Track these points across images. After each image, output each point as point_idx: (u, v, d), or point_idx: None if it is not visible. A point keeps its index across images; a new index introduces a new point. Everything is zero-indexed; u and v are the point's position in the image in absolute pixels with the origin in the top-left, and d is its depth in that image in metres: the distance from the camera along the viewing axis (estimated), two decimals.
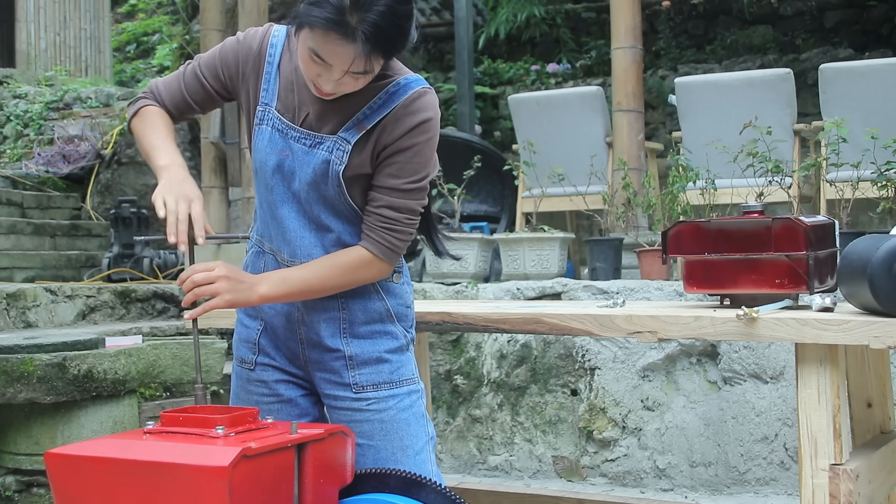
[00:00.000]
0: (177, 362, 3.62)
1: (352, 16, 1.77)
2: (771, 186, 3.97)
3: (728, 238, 2.32)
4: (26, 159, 8.00)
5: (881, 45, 7.82)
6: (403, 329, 2.11)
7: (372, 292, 2.06)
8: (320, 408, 2.16)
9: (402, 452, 2.04)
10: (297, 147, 1.99)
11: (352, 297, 2.05)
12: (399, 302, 2.10)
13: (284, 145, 2.00)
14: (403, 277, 2.13)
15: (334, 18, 1.77)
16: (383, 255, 2.00)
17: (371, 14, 1.78)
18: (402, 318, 2.11)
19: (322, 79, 1.87)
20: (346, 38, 1.79)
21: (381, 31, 1.79)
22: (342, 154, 1.95)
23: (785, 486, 3.81)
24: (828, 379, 2.05)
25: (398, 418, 2.05)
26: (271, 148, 2.01)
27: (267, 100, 2.02)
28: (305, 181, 1.98)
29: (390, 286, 2.09)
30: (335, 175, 1.96)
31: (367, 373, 2.04)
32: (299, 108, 2.00)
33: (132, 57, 12.61)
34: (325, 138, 1.97)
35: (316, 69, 1.86)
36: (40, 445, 3.34)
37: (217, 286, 1.89)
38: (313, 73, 1.87)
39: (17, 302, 4.48)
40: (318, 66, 1.85)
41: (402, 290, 2.12)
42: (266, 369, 2.13)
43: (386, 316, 2.07)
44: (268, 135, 2.01)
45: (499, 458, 4.32)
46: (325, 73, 1.85)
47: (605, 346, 4.14)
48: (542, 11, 8.97)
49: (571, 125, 5.47)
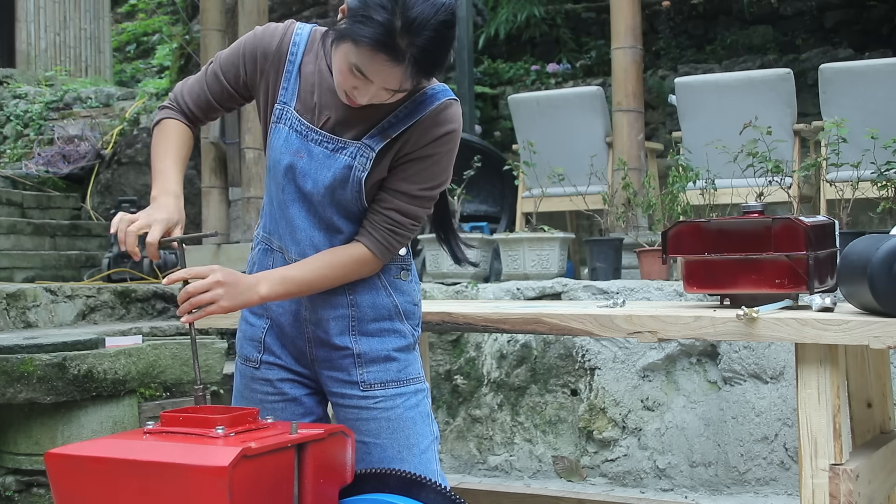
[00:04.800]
0: (177, 362, 3.62)
1: (402, 38, 1.76)
2: (771, 186, 3.97)
3: (728, 238, 2.32)
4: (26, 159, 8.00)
5: (881, 45, 7.81)
6: (411, 327, 2.10)
7: (380, 289, 2.06)
8: (324, 407, 2.16)
9: (407, 451, 2.04)
10: (318, 150, 1.97)
11: (360, 294, 2.05)
12: (407, 299, 2.10)
13: (301, 146, 1.98)
14: (412, 275, 2.13)
15: (384, 40, 1.76)
16: (381, 254, 2.01)
17: (421, 38, 1.77)
18: (409, 316, 2.10)
19: (358, 91, 1.86)
20: (395, 60, 1.78)
21: (429, 55, 1.79)
22: (365, 161, 1.95)
23: (785, 486, 3.81)
24: (828, 379, 2.05)
25: (405, 417, 2.05)
26: (286, 148, 1.99)
27: (286, 99, 2.00)
28: (323, 184, 1.97)
29: (398, 283, 2.09)
30: (357, 181, 1.95)
31: (374, 371, 2.04)
32: (320, 111, 1.98)
33: (132, 57, 12.62)
34: (348, 143, 1.96)
35: (354, 82, 1.84)
36: (40, 445, 3.34)
37: (213, 294, 1.87)
38: (349, 84, 1.85)
39: (17, 302, 4.48)
40: (358, 79, 1.83)
41: (411, 288, 2.12)
42: (271, 368, 2.12)
43: (395, 313, 2.07)
44: (284, 134, 2.00)
45: (499, 458, 4.32)
46: (362, 86, 1.84)
47: (605, 346, 4.14)
48: (542, 11, 8.96)
49: (571, 125, 5.47)
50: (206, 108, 2.10)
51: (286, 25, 2.05)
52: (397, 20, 1.76)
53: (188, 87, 2.10)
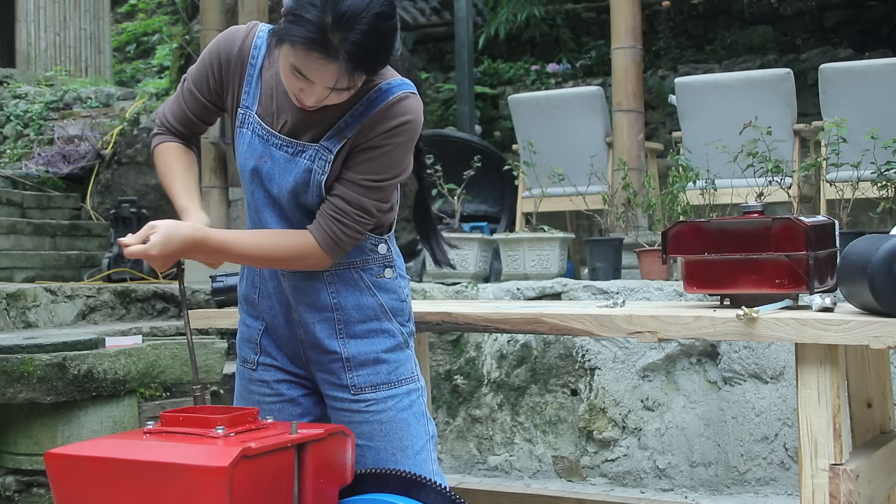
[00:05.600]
0: (177, 362, 3.62)
1: (334, 35, 1.74)
2: (771, 186, 3.96)
3: (728, 238, 2.31)
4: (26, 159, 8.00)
5: (881, 45, 7.82)
6: (400, 325, 2.08)
7: (364, 289, 2.04)
8: (322, 407, 2.15)
9: (401, 453, 2.04)
10: (279, 154, 1.96)
11: (344, 296, 2.03)
12: (392, 297, 2.08)
13: (264, 151, 1.97)
14: (396, 272, 2.09)
15: (315, 38, 1.74)
16: (325, 245, 1.94)
17: (354, 33, 1.74)
18: (397, 314, 2.08)
19: (304, 93, 1.84)
20: (329, 57, 1.75)
21: (364, 49, 1.76)
22: (325, 164, 1.93)
23: (785, 486, 3.81)
24: (828, 379, 2.05)
25: (397, 418, 2.04)
26: (250, 153, 1.99)
27: (248, 103, 2.00)
28: (286, 189, 1.96)
29: (382, 282, 2.06)
30: (317, 185, 1.94)
31: (364, 374, 2.04)
32: (278, 115, 1.97)
33: (132, 57, 12.61)
34: (307, 146, 1.94)
35: (298, 84, 1.83)
36: (40, 445, 3.33)
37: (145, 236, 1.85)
38: (295, 87, 1.84)
39: (17, 302, 4.47)
40: (300, 81, 1.82)
41: (395, 285, 2.09)
42: (268, 369, 2.13)
43: (381, 312, 2.05)
44: (248, 139, 1.99)
45: (499, 458, 4.32)
46: (307, 88, 1.83)
47: (605, 346, 4.14)
48: (542, 11, 8.97)
49: (571, 125, 5.47)
50: (190, 125, 2.10)
51: (248, 28, 2.04)
52: (328, 16, 1.73)
53: (169, 108, 2.10)
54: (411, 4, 10.17)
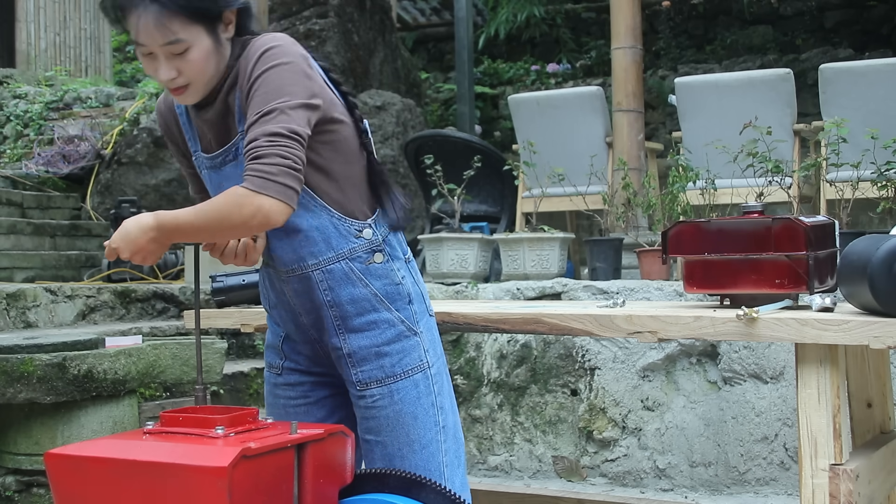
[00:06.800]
0: (177, 362, 3.62)
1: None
2: (771, 186, 3.96)
3: (728, 238, 2.32)
4: (26, 159, 7.99)
5: (881, 45, 7.82)
6: (398, 311, 2.02)
7: (355, 281, 1.99)
8: (349, 406, 2.12)
9: (408, 448, 2.02)
10: (227, 170, 2.00)
11: (337, 292, 2.00)
12: (385, 282, 2.02)
13: (218, 177, 2.02)
14: (387, 255, 2.03)
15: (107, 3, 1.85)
16: (252, 184, 1.79)
17: None
18: (393, 299, 2.02)
19: (158, 70, 1.89)
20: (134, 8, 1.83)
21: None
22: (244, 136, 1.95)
23: (785, 486, 3.81)
24: (828, 379, 2.05)
25: (404, 412, 2.02)
26: (213, 187, 2.04)
27: (194, 148, 2.08)
28: None
29: (372, 268, 2.00)
30: None
31: (368, 369, 2.02)
32: (202, 138, 2.05)
33: (132, 57, 12.61)
34: (236, 143, 1.98)
35: (147, 63, 1.90)
36: (40, 445, 3.33)
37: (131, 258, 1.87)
38: (150, 69, 1.90)
39: (17, 302, 4.48)
40: (144, 56, 1.89)
41: (387, 269, 2.02)
42: (292, 373, 2.15)
43: (376, 302, 2.01)
44: (207, 177, 2.07)
45: (499, 458, 4.32)
46: (153, 61, 1.89)
47: (605, 346, 4.14)
48: (542, 11, 8.98)
49: (571, 125, 5.47)
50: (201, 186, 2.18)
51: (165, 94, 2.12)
52: None
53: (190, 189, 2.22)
54: (411, 4, 10.18)
